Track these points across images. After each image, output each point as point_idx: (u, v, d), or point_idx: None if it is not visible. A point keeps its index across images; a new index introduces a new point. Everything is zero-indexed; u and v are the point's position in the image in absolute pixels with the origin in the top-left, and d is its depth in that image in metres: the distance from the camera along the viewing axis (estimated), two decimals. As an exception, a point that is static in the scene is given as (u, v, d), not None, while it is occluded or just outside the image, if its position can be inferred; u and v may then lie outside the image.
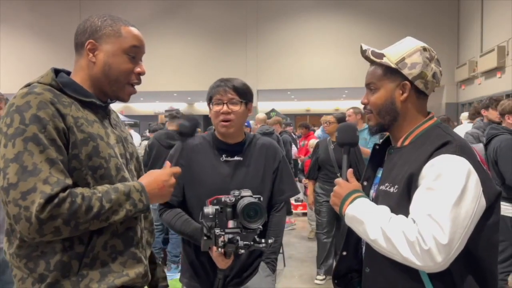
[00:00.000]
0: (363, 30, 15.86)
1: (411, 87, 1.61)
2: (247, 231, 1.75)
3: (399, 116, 1.63)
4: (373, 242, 1.48)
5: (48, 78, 1.48)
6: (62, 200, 1.32)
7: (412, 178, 1.48)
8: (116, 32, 1.54)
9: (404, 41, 1.68)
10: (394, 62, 1.61)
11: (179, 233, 2.16)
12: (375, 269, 1.59)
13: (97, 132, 1.49)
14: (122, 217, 1.44)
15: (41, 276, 1.40)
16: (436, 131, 1.58)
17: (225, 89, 2.11)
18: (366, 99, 1.68)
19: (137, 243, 1.55)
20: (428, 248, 1.36)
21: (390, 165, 1.63)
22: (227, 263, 1.94)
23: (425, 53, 1.61)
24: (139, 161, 1.74)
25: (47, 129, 1.35)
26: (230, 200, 1.76)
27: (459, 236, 1.37)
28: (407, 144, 1.62)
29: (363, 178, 1.78)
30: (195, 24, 16.74)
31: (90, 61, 1.53)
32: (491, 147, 3.87)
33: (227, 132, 2.14)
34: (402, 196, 1.50)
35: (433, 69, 1.62)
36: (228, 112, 2.10)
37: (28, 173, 1.31)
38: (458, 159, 1.44)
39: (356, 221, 1.54)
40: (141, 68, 1.59)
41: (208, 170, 2.08)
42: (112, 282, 1.45)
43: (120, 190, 1.44)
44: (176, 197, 2.14)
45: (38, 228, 1.30)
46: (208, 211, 1.76)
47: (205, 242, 1.80)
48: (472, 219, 1.41)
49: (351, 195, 1.61)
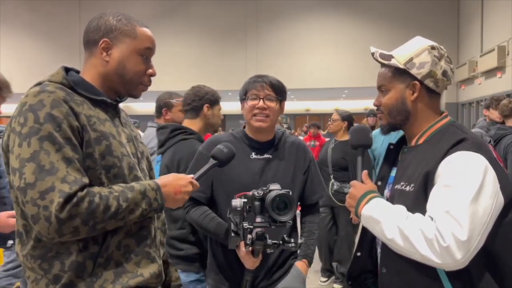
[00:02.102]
0: (363, 30, 15.88)
1: (421, 87, 1.61)
2: (276, 225, 1.70)
3: (411, 115, 1.63)
4: (390, 241, 1.48)
5: (59, 77, 1.47)
6: (81, 199, 1.31)
7: (428, 177, 1.48)
8: (131, 32, 1.53)
9: (412, 41, 1.68)
10: (402, 63, 1.61)
11: (206, 232, 2.12)
12: (391, 269, 1.59)
13: (109, 131, 1.47)
14: (137, 216, 1.43)
15: (55, 277, 1.39)
16: (451, 129, 1.59)
17: (262, 84, 2.09)
18: (378, 101, 1.69)
19: (151, 242, 1.54)
20: (447, 245, 1.35)
21: (404, 164, 1.63)
22: (255, 263, 1.89)
23: (434, 52, 1.61)
24: (149, 160, 1.73)
25: (62, 128, 1.34)
26: (258, 193, 1.72)
27: (478, 232, 1.37)
28: (422, 142, 1.62)
29: (378, 178, 1.77)
30: (195, 23, 16.75)
31: (103, 60, 1.51)
32: (502, 146, 3.89)
33: (261, 127, 2.10)
34: (419, 195, 1.50)
35: (443, 67, 1.62)
36: (264, 108, 2.07)
37: (45, 172, 1.29)
38: (475, 155, 1.44)
39: (372, 221, 1.54)
40: (153, 69, 1.59)
41: (238, 167, 2.03)
42: (126, 282, 1.43)
43: (136, 189, 1.43)
44: (204, 193, 2.10)
45: (58, 228, 1.29)
46: (236, 204, 1.72)
47: (233, 239, 1.75)
48: (490, 215, 1.40)
49: (367, 195, 1.60)
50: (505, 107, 4.08)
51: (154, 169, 1.74)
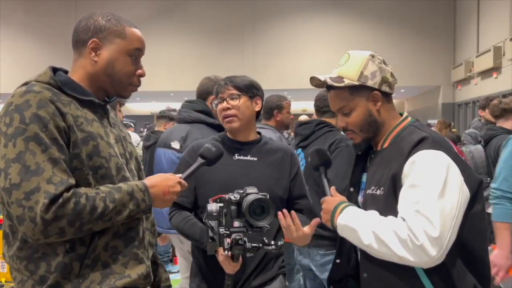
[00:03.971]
0: (359, 29, 15.89)
1: (380, 95, 1.66)
2: (254, 230, 1.66)
3: (380, 124, 1.68)
4: (368, 247, 1.51)
5: (46, 77, 1.46)
6: (67, 200, 1.30)
7: (395, 178, 1.53)
8: (121, 33, 1.52)
9: (351, 57, 1.71)
10: (355, 79, 1.65)
11: (188, 238, 2.09)
12: (372, 273, 1.62)
13: (97, 131, 1.47)
14: (125, 217, 1.42)
15: (41, 278, 1.38)
16: (411, 129, 1.64)
17: (225, 86, 2.09)
18: (343, 123, 1.71)
19: (138, 243, 1.53)
20: (421, 243, 1.39)
21: (373, 169, 1.68)
22: (235, 267, 1.83)
23: (375, 59, 1.67)
24: (138, 161, 1.72)
25: (48, 128, 1.33)
26: (234, 197, 1.68)
27: (448, 227, 1.42)
28: (387, 146, 1.66)
29: (350, 185, 1.80)
30: (192, 23, 16.73)
31: (92, 60, 1.50)
32: (491, 147, 3.90)
33: (230, 127, 2.09)
34: (389, 197, 1.54)
35: (389, 70, 1.69)
36: (228, 108, 2.07)
37: (31, 173, 1.29)
38: (436, 153, 1.49)
39: (348, 230, 1.57)
40: (142, 70, 1.58)
41: (221, 168, 1.97)
42: (113, 283, 1.43)
43: (123, 189, 1.42)
44: (187, 197, 2.07)
45: (43, 229, 1.28)
46: (212, 209, 1.67)
47: (211, 245, 1.69)
48: (458, 209, 1.45)
49: (339, 206, 1.63)
50: (495, 108, 4.09)
51: (142, 170, 1.74)
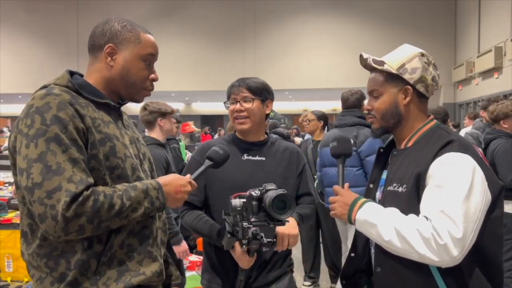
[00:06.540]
0: (360, 30, 15.92)
1: (413, 91, 1.68)
2: (274, 223, 1.75)
3: (403, 119, 1.70)
4: (388, 243, 1.53)
5: (64, 80, 1.51)
6: (86, 198, 1.35)
7: (420, 177, 1.55)
8: (136, 38, 1.58)
9: (402, 48, 1.75)
10: (395, 68, 1.68)
11: (201, 235, 2.16)
12: (386, 268, 1.64)
13: (113, 133, 1.52)
14: (141, 215, 1.46)
15: (61, 275, 1.43)
16: (438, 132, 1.66)
17: (239, 88, 2.15)
18: (370, 105, 1.75)
19: (153, 242, 1.58)
20: (444, 243, 1.42)
21: (395, 167, 1.69)
22: (250, 262, 1.93)
23: (423, 58, 1.69)
24: (150, 161, 1.77)
25: (68, 130, 1.38)
26: (255, 193, 1.76)
27: (471, 229, 1.45)
28: (411, 145, 1.68)
29: (370, 181, 1.83)
30: (193, 24, 16.75)
31: (108, 65, 1.56)
32: (489, 151, 3.99)
33: (242, 128, 2.16)
34: (411, 195, 1.56)
35: (432, 73, 1.70)
36: (241, 110, 2.13)
37: (52, 172, 1.34)
38: (463, 156, 1.51)
39: (368, 225, 1.59)
40: (155, 74, 1.63)
41: (230, 168, 2.04)
42: (129, 281, 1.47)
43: (138, 187, 1.47)
44: (198, 196, 2.15)
45: (64, 226, 1.33)
46: (236, 204, 1.76)
47: (229, 240, 1.78)
48: (481, 212, 1.48)
49: (358, 201, 1.65)
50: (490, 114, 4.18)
51: (154, 170, 1.79)
